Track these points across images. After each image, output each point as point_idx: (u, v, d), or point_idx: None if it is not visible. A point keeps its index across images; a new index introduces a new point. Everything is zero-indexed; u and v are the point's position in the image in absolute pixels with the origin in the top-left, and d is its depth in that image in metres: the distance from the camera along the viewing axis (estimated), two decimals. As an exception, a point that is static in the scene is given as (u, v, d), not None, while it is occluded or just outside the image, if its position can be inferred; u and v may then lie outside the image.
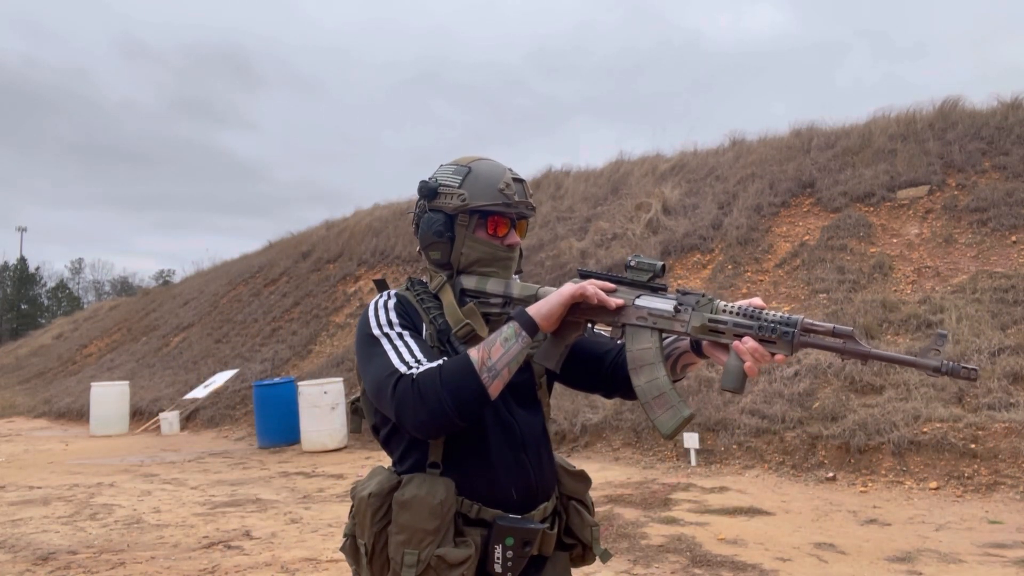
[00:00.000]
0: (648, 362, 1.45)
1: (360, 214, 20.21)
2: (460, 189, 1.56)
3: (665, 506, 5.93)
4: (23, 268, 61.07)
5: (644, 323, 1.47)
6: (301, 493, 7.25)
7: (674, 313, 1.44)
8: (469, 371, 1.38)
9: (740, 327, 1.39)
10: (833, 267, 9.76)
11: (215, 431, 12.90)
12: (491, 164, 1.60)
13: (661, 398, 1.43)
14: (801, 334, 1.36)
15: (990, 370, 6.89)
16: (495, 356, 1.39)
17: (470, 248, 1.58)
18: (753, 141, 14.20)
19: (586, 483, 1.71)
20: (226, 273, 23.00)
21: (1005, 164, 10.34)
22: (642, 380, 1.45)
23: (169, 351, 19.29)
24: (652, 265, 1.49)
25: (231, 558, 4.98)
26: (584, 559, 1.68)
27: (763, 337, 1.37)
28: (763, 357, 1.36)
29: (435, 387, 1.37)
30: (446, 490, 1.45)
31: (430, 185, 1.59)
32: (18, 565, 4.92)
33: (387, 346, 1.47)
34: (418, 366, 1.41)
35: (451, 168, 1.60)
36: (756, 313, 1.39)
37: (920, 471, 6.21)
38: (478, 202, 1.55)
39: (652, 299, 1.47)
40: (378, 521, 1.46)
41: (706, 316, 1.42)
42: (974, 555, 4.53)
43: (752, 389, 7.80)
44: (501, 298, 1.56)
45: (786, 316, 1.37)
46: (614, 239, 12.69)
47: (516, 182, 1.58)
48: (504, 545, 1.47)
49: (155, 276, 58.21)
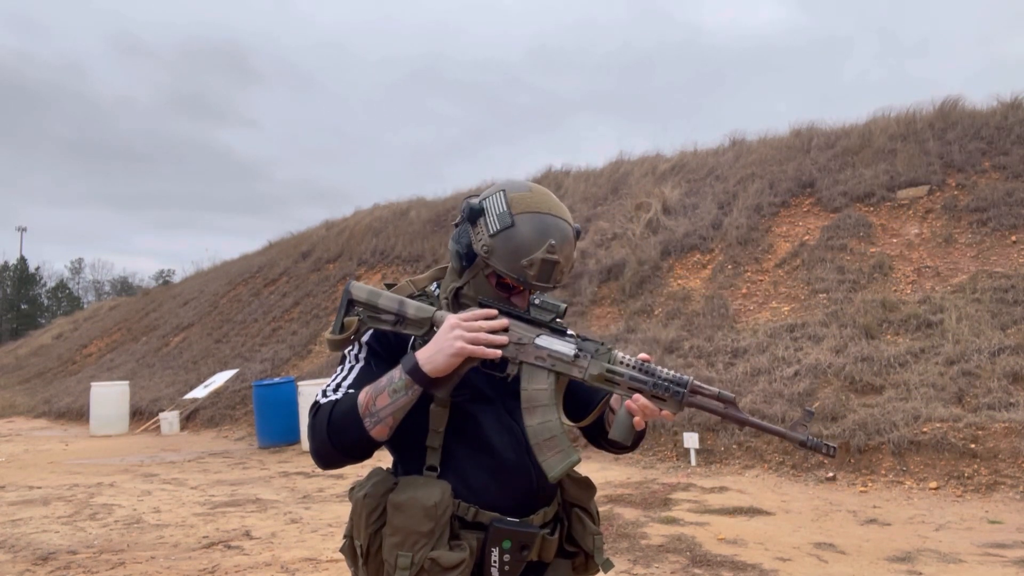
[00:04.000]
0: (542, 403, 1.45)
1: (360, 214, 20.22)
2: (491, 239, 1.46)
3: (665, 506, 5.93)
4: (23, 268, 61.07)
5: (542, 363, 1.46)
6: (301, 493, 7.25)
7: (573, 358, 1.45)
8: (353, 416, 1.42)
9: (636, 381, 1.42)
10: (833, 267, 9.76)
11: (215, 431, 12.90)
12: (538, 224, 1.46)
13: (551, 441, 1.44)
14: (690, 395, 1.41)
15: (990, 370, 6.89)
16: (380, 404, 1.41)
17: (477, 286, 1.53)
18: (753, 141, 14.21)
19: (590, 491, 1.68)
20: (226, 273, 23.00)
21: (1005, 164, 10.34)
22: (535, 421, 1.45)
23: (169, 351, 19.29)
24: (556, 307, 1.49)
25: (231, 558, 4.98)
26: (587, 568, 1.66)
27: (655, 394, 1.41)
28: (652, 413, 1.41)
29: (323, 423, 1.44)
30: (441, 492, 1.44)
31: (474, 210, 1.49)
32: (18, 565, 4.92)
33: (339, 367, 1.56)
34: (329, 395, 1.48)
35: (502, 206, 1.47)
36: (651, 369, 1.42)
37: (920, 471, 6.21)
38: (497, 265, 1.46)
39: (552, 340, 1.47)
40: (373, 522, 1.47)
41: (604, 366, 1.44)
42: (974, 555, 4.54)
43: (752, 389, 7.81)
44: (393, 315, 1.49)
45: (677, 376, 1.42)
46: (614, 239, 12.69)
47: (547, 263, 1.45)
48: (501, 548, 1.46)
49: (155, 276, 58.30)
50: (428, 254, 15.69)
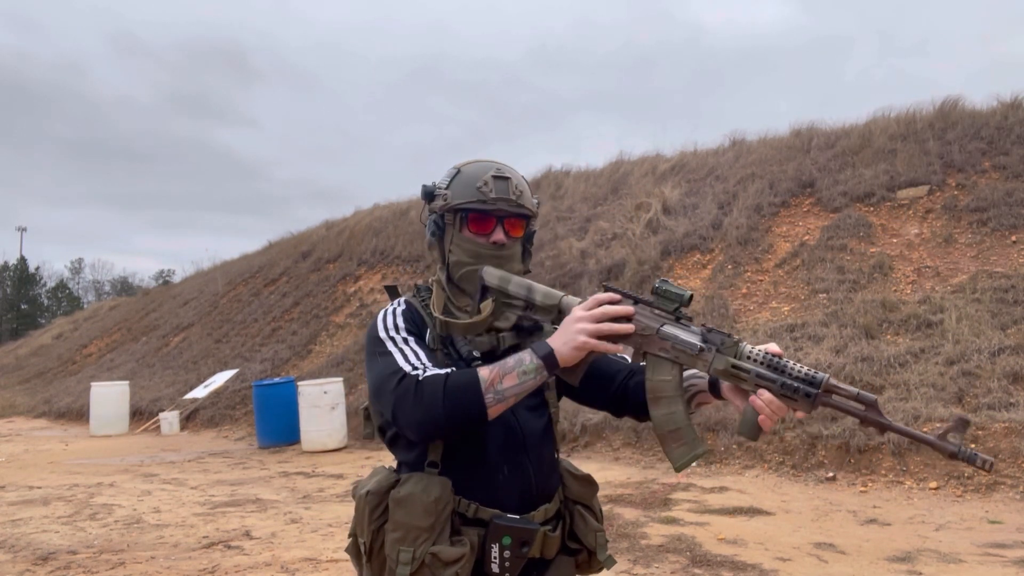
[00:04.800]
0: (667, 395, 1.43)
1: (360, 214, 20.22)
2: (446, 190, 1.58)
3: (665, 506, 5.93)
4: (23, 268, 61.06)
5: (667, 355, 1.43)
6: (301, 493, 7.25)
7: (699, 351, 1.40)
8: (474, 389, 1.38)
9: (763, 378, 1.36)
10: (833, 267, 9.76)
11: (215, 431, 12.90)
12: (479, 164, 1.60)
13: (677, 432, 1.42)
14: (824, 395, 1.32)
15: (990, 370, 6.89)
16: (507, 383, 1.39)
17: (456, 246, 1.58)
18: (753, 141, 14.21)
19: (592, 488, 1.70)
20: (226, 273, 23.00)
21: (1005, 164, 10.34)
22: (660, 412, 1.44)
23: (169, 351, 19.29)
24: (680, 296, 1.43)
25: (231, 558, 4.98)
26: (590, 565, 1.67)
27: (784, 393, 1.34)
28: (780, 411, 1.34)
29: (436, 394, 1.37)
30: (442, 488, 1.45)
31: (428, 188, 1.61)
32: (18, 565, 4.92)
33: (392, 348, 1.49)
34: (423, 369, 1.43)
35: (447, 171, 1.63)
36: (781, 365, 1.35)
37: (920, 471, 6.21)
38: (457, 201, 1.56)
39: (677, 331, 1.42)
40: (376, 519, 1.48)
41: (730, 361, 1.38)
42: (974, 555, 4.53)
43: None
44: (523, 301, 1.53)
45: (811, 373, 1.33)
46: (614, 239, 12.69)
47: (499, 180, 1.56)
48: (501, 544, 1.47)
49: (155, 276, 58.26)
50: (428, 254, 15.68)
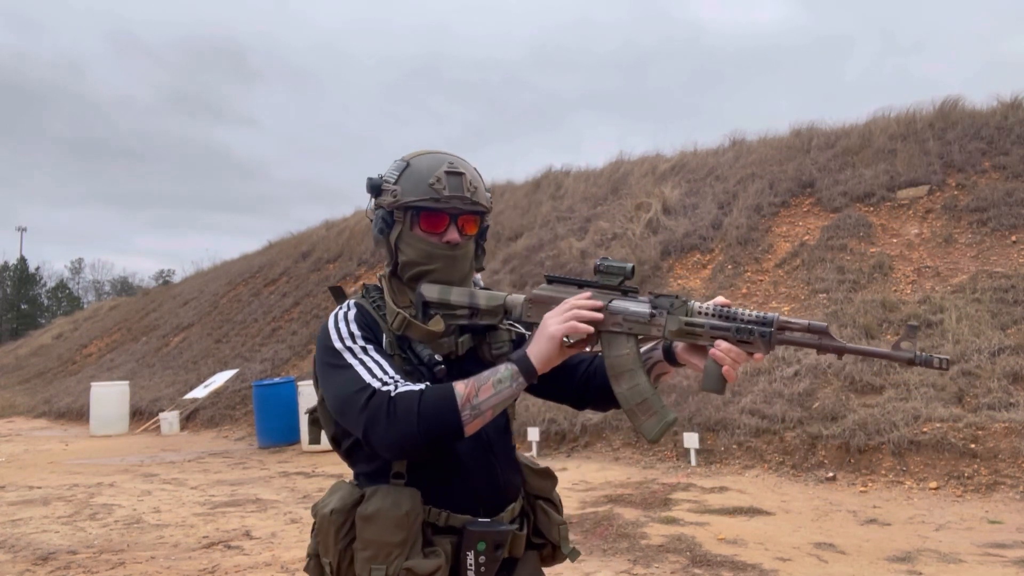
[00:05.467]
0: (627, 368, 1.41)
1: (360, 214, 20.17)
2: (395, 185, 1.49)
3: (665, 506, 5.93)
4: (23, 268, 61.03)
5: (619, 328, 1.41)
6: (301, 493, 7.25)
7: (649, 317, 1.39)
8: (450, 406, 1.32)
9: (717, 329, 1.35)
10: (833, 267, 9.77)
11: (215, 431, 12.90)
12: (431, 157, 1.51)
13: (644, 404, 1.41)
14: (778, 332, 1.34)
15: (990, 370, 6.89)
16: (482, 396, 1.34)
17: (407, 245, 1.50)
18: (753, 141, 14.21)
19: (552, 480, 1.67)
20: (226, 273, 23.01)
21: (1005, 164, 10.34)
22: (623, 387, 1.42)
23: (169, 351, 19.30)
24: (622, 268, 1.42)
25: (231, 558, 4.98)
26: (554, 558, 1.66)
27: (740, 339, 1.34)
28: (740, 357, 1.34)
29: (410, 412, 1.32)
30: (411, 500, 1.40)
31: (374, 181, 1.51)
32: (18, 565, 4.92)
33: (352, 360, 1.41)
34: (394, 384, 1.36)
35: (395, 163, 1.53)
36: (732, 313, 1.36)
37: (920, 471, 6.21)
38: (407, 198, 1.47)
39: (626, 303, 1.42)
40: (342, 538, 1.42)
41: (682, 320, 1.38)
42: (974, 555, 4.54)
43: (752, 389, 7.81)
44: (467, 309, 1.49)
45: (761, 315, 1.35)
46: (614, 239, 12.69)
47: (452, 175, 1.48)
48: (476, 551, 1.44)
49: (155, 276, 58.21)
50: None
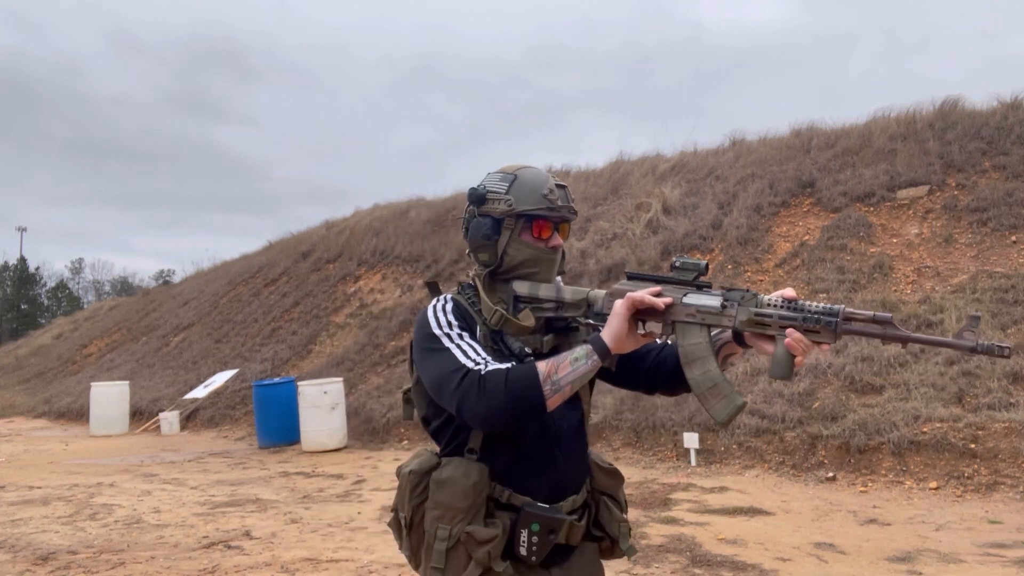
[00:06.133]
0: (700, 356, 1.53)
1: (360, 214, 20.22)
2: (507, 195, 1.65)
3: (665, 506, 5.93)
4: (23, 268, 61.03)
5: (693, 319, 1.54)
6: (301, 493, 7.25)
7: (721, 309, 1.52)
8: (533, 381, 1.46)
9: (785, 319, 1.46)
10: (833, 267, 9.77)
11: (215, 431, 12.90)
12: (535, 171, 1.69)
13: (715, 389, 1.52)
14: (844, 322, 1.43)
15: (990, 370, 6.89)
16: (561, 372, 1.48)
17: (516, 250, 1.66)
18: (753, 141, 14.20)
19: (619, 480, 1.80)
20: (226, 273, 23.00)
21: (1005, 164, 10.34)
22: (696, 373, 1.54)
23: (169, 351, 19.29)
24: (697, 265, 1.57)
25: (231, 558, 4.98)
26: (612, 553, 1.77)
27: (807, 328, 1.44)
28: (809, 347, 1.44)
29: (499, 387, 1.46)
30: (480, 474, 1.56)
31: (479, 192, 1.67)
32: (18, 565, 4.92)
33: (450, 344, 1.57)
34: (485, 364, 1.51)
35: (498, 176, 1.69)
36: (799, 305, 1.46)
37: (920, 471, 6.21)
38: (523, 207, 1.64)
39: (699, 296, 1.55)
40: (416, 496, 1.60)
41: (752, 311, 1.49)
42: (974, 555, 4.54)
43: (752, 389, 7.81)
44: (553, 302, 1.66)
45: (828, 306, 1.44)
46: (614, 239, 12.69)
47: (559, 188, 1.68)
48: (530, 530, 1.57)
49: (155, 276, 58.15)
50: (428, 254, 15.68)
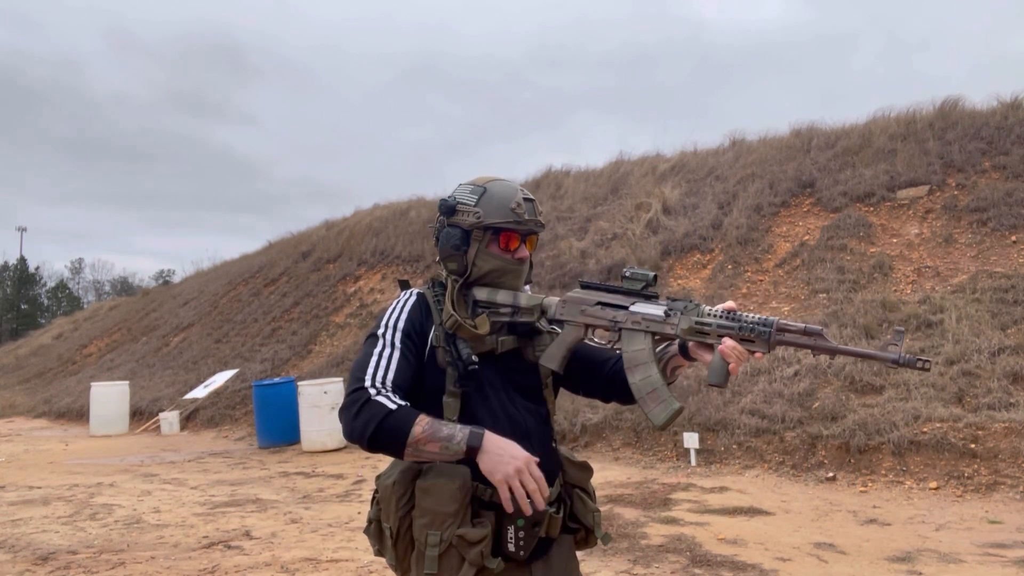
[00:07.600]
0: (642, 361, 1.63)
1: (360, 214, 20.21)
2: (476, 207, 1.70)
3: (665, 506, 5.93)
4: (23, 268, 61.04)
5: (638, 327, 1.65)
6: (301, 493, 7.25)
7: (664, 317, 1.64)
8: (400, 440, 1.52)
9: (723, 328, 1.57)
10: (833, 267, 9.77)
11: (215, 431, 12.90)
12: (504, 185, 1.75)
13: (654, 393, 1.61)
14: (777, 333, 1.54)
15: (990, 370, 6.89)
16: (429, 448, 1.53)
17: (483, 261, 1.72)
18: (753, 141, 14.21)
19: (588, 472, 1.86)
20: (226, 273, 23.00)
21: (1005, 164, 10.34)
22: (637, 378, 1.63)
23: (169, 351, 19.29)
24: (645, 275, 1.70)
25: (231, 558, 4.98)
26: (587, 542, 1.85)
27: (743, 336, 1.55)
28: (743, 355, 1.55)
29: (370, 421, 1.53)
30: (462, 476, 1.59)
31: (449, 203, 1.72)
32: (18, 565, 4.92)
33: (379, 345, 1.65)
34: (381, 390, 1.57)
35: (468, 188, 1.74)
36: (736, 316, 1.57)
37: (920, 471, 6.21)
38: (492, 219, 1.69)
39: (645, 305, 1.67)
40: (403, 506, 1.62)
41: (693, 319, 1.61)
42: (974, 555, 4.54)
43: (752, 389, 7.81)
44: (510, 308, 1.72)
45: (763, 318, 1.56)
46: (614, 239, 12.69)
47: (527, 202, 1.72)
48: (516, 526, 1.62)
49: (155, 276, 58.21)
50: (428, 254, 15.68)
